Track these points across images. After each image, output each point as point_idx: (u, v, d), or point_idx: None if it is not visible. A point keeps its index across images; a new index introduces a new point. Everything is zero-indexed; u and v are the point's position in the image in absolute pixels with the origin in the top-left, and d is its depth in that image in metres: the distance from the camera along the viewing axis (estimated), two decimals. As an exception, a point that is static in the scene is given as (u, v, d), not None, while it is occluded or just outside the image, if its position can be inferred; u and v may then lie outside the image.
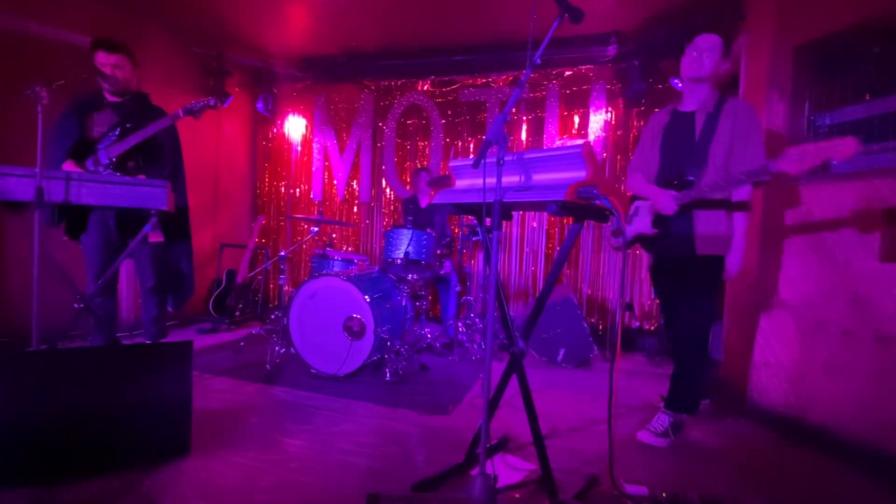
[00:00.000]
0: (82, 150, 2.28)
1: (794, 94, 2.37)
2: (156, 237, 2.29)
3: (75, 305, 2.07)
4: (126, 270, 3.58)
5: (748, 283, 2.54)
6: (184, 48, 4.15)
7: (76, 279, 2.20)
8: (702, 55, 1.97)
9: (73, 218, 2.31)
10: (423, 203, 3.93)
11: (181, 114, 2.27)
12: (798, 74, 2.36)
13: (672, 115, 2.15)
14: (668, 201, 1.92)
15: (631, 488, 1.53)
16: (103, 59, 2.27)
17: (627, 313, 3.86)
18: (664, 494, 1.50)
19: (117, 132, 2.30)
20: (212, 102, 2.30)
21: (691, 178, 1.96)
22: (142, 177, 2.26)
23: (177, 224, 2.43)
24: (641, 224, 2.07)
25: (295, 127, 5.04)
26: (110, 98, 2.35)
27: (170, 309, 2.59)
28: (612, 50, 3.79)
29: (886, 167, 1.97)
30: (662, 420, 2.06)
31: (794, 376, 2.25)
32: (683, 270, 2.03)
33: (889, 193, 1.90)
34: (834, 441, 2.01)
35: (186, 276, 2.58)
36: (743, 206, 1.94)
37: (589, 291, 4.16)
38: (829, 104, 2.25)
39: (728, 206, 1.95)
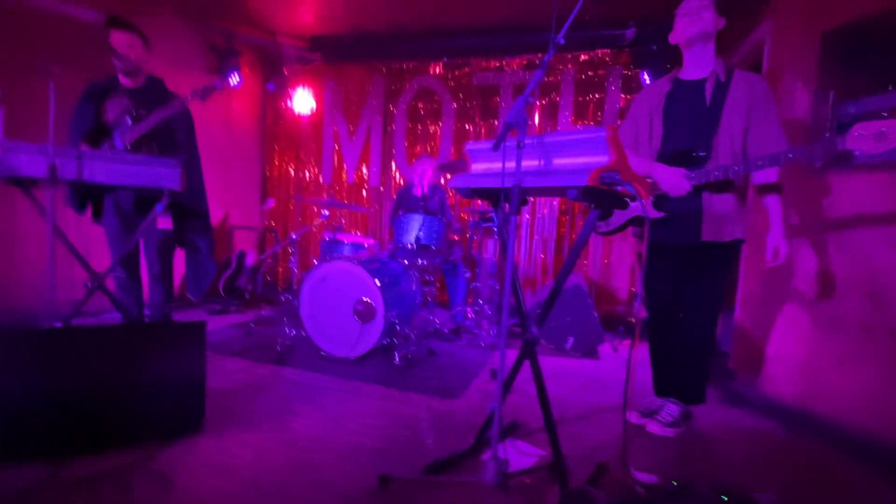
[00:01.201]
0: (98, 135, 2.27)
1: (820, 81, 2.30)
2: (164, 223, 2.29)
3: (86, 285, 2.08)
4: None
5: (763, 275, 2.50)
6: (192, 26, 4.11)
7: (90, 259, 2.22)
8: (698, 11, 1.80)
9: (97, 201, 2.33)
10: (417, 191, 3.84)
11: (191, 97, 2.25)
12: (825, 61, 2.29)
13: (674, 83, 1.94)
14: (678, 180, 1.74)
15: (641, 476, 1.53)
16: (117, 38, 2.25)
17: (637, 303, 3.84)
18: (674, 483, 1.50)
19: (131, 117, 2.29)
20: (219, 85, 2.28)
21: (703, 153, 1.79)
22: (155, 156, 2.24)
23: (195, 207, 2.42)
24: (637, 206, 1.79)
25: (305, 108, 5.00)
26: (125, 82, 2.33)
27: (191, 296, 2.60)
28: (630, 34, 3.70)
29: (913, 158, 1.92)
30: (672, 410, 2.03)
31: (807, 369, 2.23)
32: (692, 257, 1.91)
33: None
34: (844, 434, 1.99)
35: (206, 261, 2.57)
36: (775, 188, 1.82)
37: (598, 280, 4.13)
38: (856, 93, 2.18)
39: (735, 188, 1.82)
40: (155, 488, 1.41)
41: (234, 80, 2.38)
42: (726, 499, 1.43)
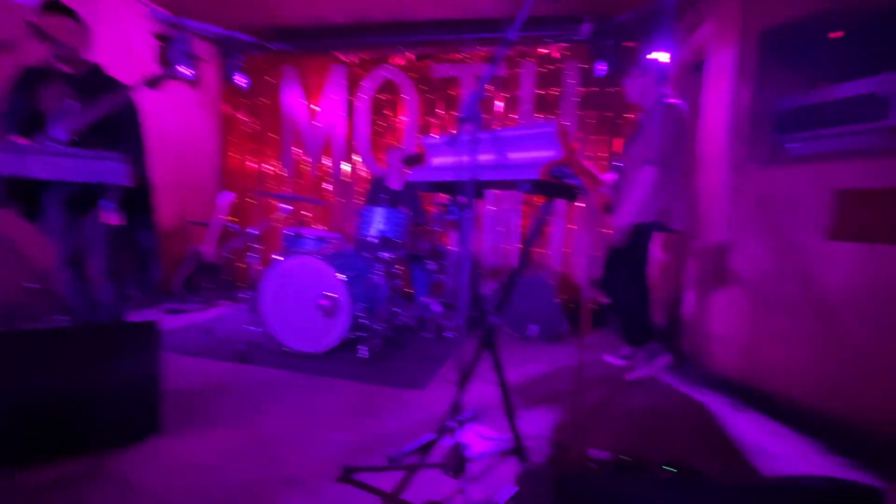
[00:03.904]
0: (33, 125, 2.13)
1: (759, 78, 2.44)
2: (111, 218, 2.19)
3: (25, 285, 1.98)
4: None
5: (708, 261, 2.66)
6: (140, 12, 3.90)
7: (35, 260, 2.11)
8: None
9: (28, 198, 2.19)
10: (394, 184, 3.84)
11: (138, 86, 2.15)
12: (762, 59, 2.44)
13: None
14: None
15: (596, 453, 1.62)
16: (52, 23, 2.12)
17: (597, 290, 3.98)
18: (627, 458, 1.60)
19: (70, 106, 2.16)
20: (169, 73, 2.19)
21: None
22: (98, 150, 2.14)
23: (140, 202, 2.33)
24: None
25: (263, 99, 4.86)
26: (62, 69, 2.20)
27: (133, 293, 2.51)
28: (586, 29, 3.79)
29: (835, 151, 2.08)
30: (625, 351, 2.77)
31: (748, 347, 2.39)
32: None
33: (836, 176, 2.02)
34: (782, 407, 2.16)
35: (151, 257, 2.49)
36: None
37: (560, 269, 4.26)
38: (791, 89, 2.34)
39: None
40: (111, 493, 1.38)
41: (187, 70, 2.30)
42: (674, 470, 1.54)
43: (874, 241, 1.85)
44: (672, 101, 2.47)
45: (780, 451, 1.87)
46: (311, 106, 4.81)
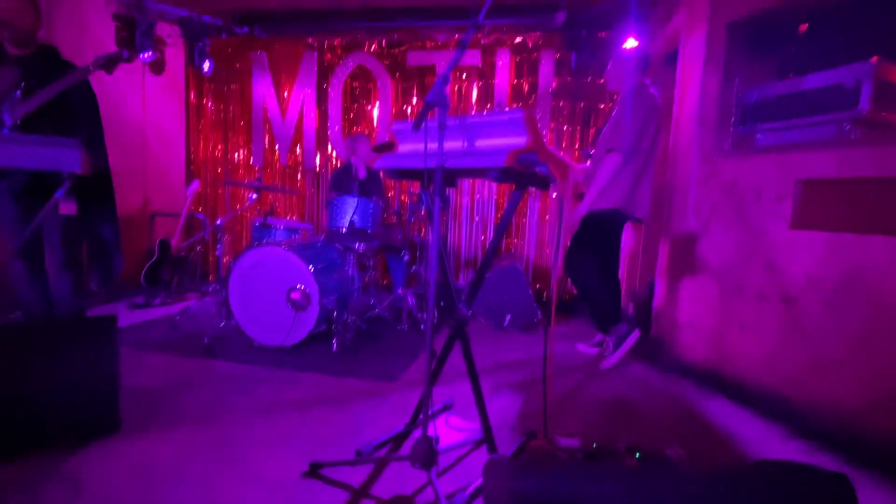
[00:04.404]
0: None
1: (727, 69, 2.47)
2: (67, 208, 2.07)
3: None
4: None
5: (677, 249, 2.70)
6: (98, -9, 3.69)
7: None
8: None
9: None
10: (362, 173, 3.76)
11: (91, 68, 2.03)
12: (731, 50, 2.46)
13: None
14: None
15: (564, 441, 1.63)
16: (0, 4, 1.98)
17: (569, 280, 4.02)
18: (594, 445, 1.61)
19: (20, 90, 2.03)
20: (125, 54, 2.07)
21: None
22: (50, 136, 2.02)
23: (98, 191, 2.22)
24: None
25: (232, 85, 4.69)
26: (11, 51, 2.06)
27: (94, 286, 2.40)
28: (560, 18, 3.77)
29: (800, 141, 2.13)
30: (597, 337, 2.86)
31: (715, 335, 2.45)
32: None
33: (801, 165, 2.06)
34: (746, 393, 2.22)
35: (112, 248, 2.38)
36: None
37: (534, 259, 4.28)
38: (758, 80, 2.37)
39: None
40: (63, 495, 1.31)
41: (146, 53, 2.19)
42: (639, 455, 1.56)
43: (837, 230, 1.90)
44: (646, 88, 2.48)
45: (746, 437, 1.92)
46: (282, 93, 4.67)
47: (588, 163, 2.80)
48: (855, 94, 1.90)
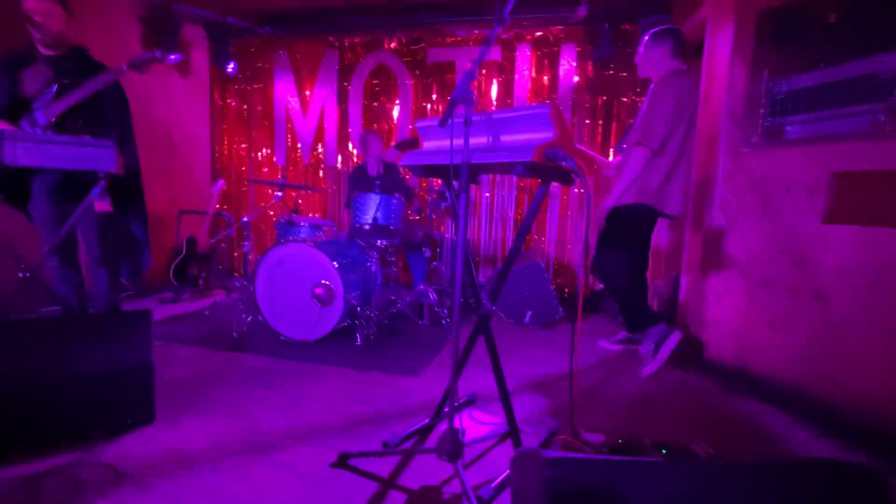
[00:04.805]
0: (15, 110, 2.08)
1: (755, 60, 2.41)
2: (102, 205, 2.15)
3: (20, 275, 1.95)
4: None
5: (702, 244, 2.66)
6: (126, -4, 3.80)
7: (26, 250, 2.07)
8: None
9: (13, 185, 2.15)
10: (372, 170, 3.79)
11: (125, 68, 2.10)
12: (759, 40, 2.40)
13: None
14: None
15: (589, 436, 1.63)
16: (32, 6, 2.05)
17: (591, 276, 3.99)
18: (620, 441, 1.61)
19: (54, 90, 2.11)
20: (158, 55, 2.13)
21: None
22: (86, 137, 2.10)
23: (128, 189, 2.30)
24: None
25: (255, 85, 4.78)
26: (44, 52, 2.14)
27: (124, 281, 2.48)
28: (582, 11, 3.73)
29: (833, 133, 2.06)
30: (621, 335, 2.85)
31: (741, 331, 2.40)
32: None
33: (834, 158, 2.00)
34: (774, 390, 2.18)
35: (142, 245, 2.46)
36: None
37: (555, 255, 4.26)
38: (788, 71, 2.31)
39: None
40: (103, 480, 1.37)
41: (174, 55, 2.24)
42: (665, 452, 1.55)
43: (869, 224, 1.84)
44: (680, 74, 2.34)
45: (775, 434, 1.89)
46: (304, 91, 4.74)
47: (618, 157, 2.73)
48: (890, 85, 1.84)
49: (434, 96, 4.44)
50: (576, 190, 4.19)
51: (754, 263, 2.36)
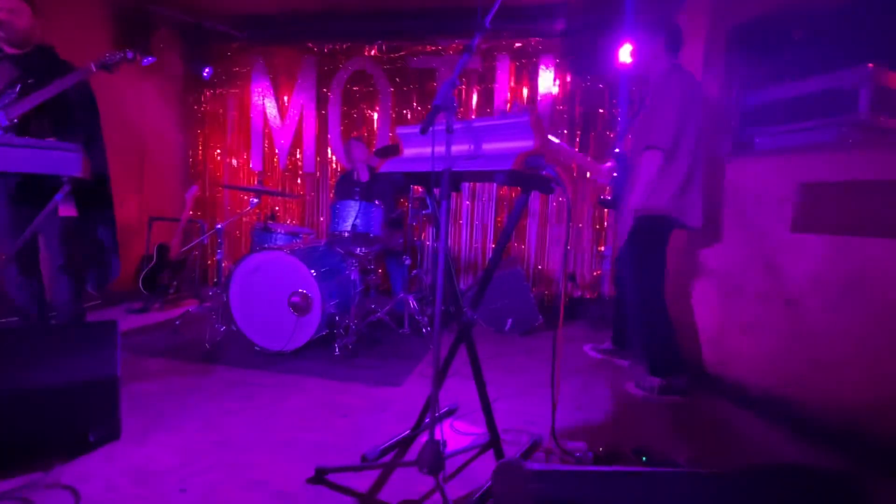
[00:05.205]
0: None
1: (727, 73, 2.49)
2: (67, 210, 2.05)
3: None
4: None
5: (679, 251, 2.71)
6: (96, -4, 3.69)
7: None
8: None
9: None
10: (363, 176, 3.77)
11: (93, 68, 2.02)
12: (730, 55, 2.49)
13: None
14: None
15: (571, 445, 1.62)
16: None
17: (570, 283, 4.03)
18: (601, 449, 1.61)
19: (17, 89, 2.01)
20: (129, 55, 2.06)
21: None
22: (50, 140, 2.01)
23: (95, 194, 2.20)
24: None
25: (231, 90, 4.68)
26: (8, 50, 2.05)
27: (90, 290, 2.37)
28: (559, 24, 3.80)
29: (799, 145, 2.15)
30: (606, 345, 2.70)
31: (716, 336, 2.45)
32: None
33: (801, 169, 2.08)
34: (748, 394, 2.23)
35: (109, 252, 2.35)
36: None
37: (535, 263, 4.28)
38: (757, 84, 2.40)
39: None
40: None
41: (147, 57, 2.19)
42: (646, 459, 1.56)
43: (838, 233, 1.91)
44: (680, 69, 2.19)
45: (750, 439, 1.92)
46: (282, 97, 4.67)
47: (610, 162, 2.58)
48: (853, 99, 1.93)
49: (414, 104, 4.44)
50: (560, 198, 4.23)
51: (728, 271, 2.42)
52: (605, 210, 4.09)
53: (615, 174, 2.55)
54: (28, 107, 1.97)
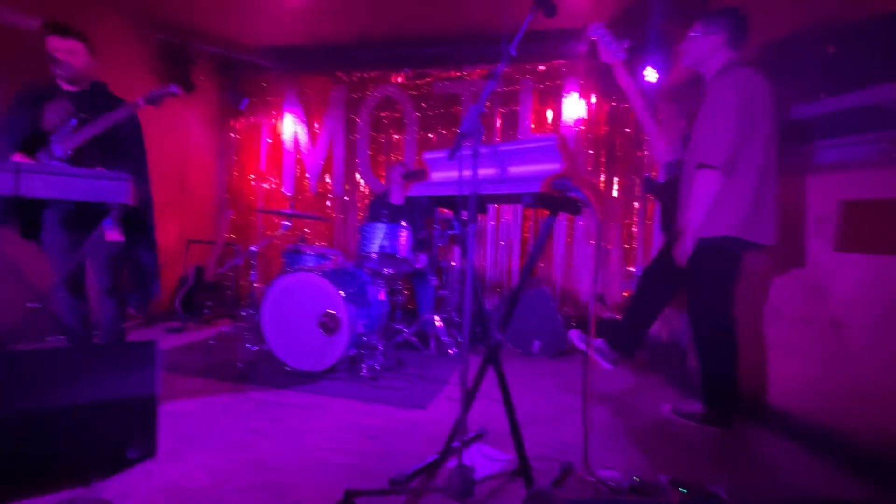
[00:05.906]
0: (34, 142, 2.14)
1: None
2: (114, 235, 2.18)
3: (28, 304, 1.96)
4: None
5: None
6: (142, 35, 3.96)
7: (36, 279, 2.08)
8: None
9: (26, 216, 2.18)
10: (397, 199, 3.86)
11: (141, 102, 2.17)
12: (764, 71, 2.44)
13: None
14: None
15: (604, 473, 1.57)
16: (56, 44, 2.14)
17: (599, 304, 3.95)
18: (636, 479, 1.55)
19: (73, 123, 2.17)
20: (173, 90, 2.20)
21: None
22: (100, 169, 2.14)
23: (140, 220, 2.33)
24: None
25: (264, 118, 4.90)
26: (66, 87, 2.22)
27: (132, 310, 2.48)
28: (583, 46, 3.83)
29: (837, 162, 2.07)
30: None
31: (756, 360, 2.34)
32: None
33: (840, 186, 2.00)
34: (789, 421, 2.11)
35: (151, 275, 2.47)
36: None
37: (562, 283, 4.22)
38: (789, 102, 2.34)
39: None
40: (102, 521, 1.33)
41: (188, 90, 2.33)
42: (685, 491, 1.49)
43: (879, 252, 1.82)
44: (738, 68, 1.91)
45: (792, 470, 1.81)
46: (312, 123, 4.85)
47: (670, 153, 2.33)
48: (894, 115, 1.86)
49: (439, 128, 4.53)
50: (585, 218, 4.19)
51: (768, 292, 2.32)
52: (633, 229, 4.02)
53: (671, 162, 2.28)
54: (81, 139, 2.11)
